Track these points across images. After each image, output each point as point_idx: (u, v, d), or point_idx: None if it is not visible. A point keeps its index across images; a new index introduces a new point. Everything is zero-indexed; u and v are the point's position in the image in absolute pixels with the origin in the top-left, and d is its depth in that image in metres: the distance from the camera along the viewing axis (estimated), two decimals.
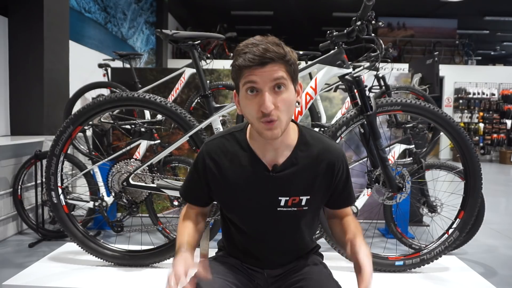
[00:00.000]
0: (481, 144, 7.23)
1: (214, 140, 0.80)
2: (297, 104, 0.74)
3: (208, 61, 1.83)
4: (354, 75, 1.32)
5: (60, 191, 1.43)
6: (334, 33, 1.33)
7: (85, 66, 3.54)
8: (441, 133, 1.49)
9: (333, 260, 1.40)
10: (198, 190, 0.82)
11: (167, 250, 1.43)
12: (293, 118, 0.77)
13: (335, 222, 0.86)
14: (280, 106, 0.68)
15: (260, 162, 0.76)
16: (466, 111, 7.30)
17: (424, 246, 1.46)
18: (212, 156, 0.78)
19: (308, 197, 0.77)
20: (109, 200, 1.75)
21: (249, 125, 0.78)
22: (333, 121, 1.43)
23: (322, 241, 1.28)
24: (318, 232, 1.50)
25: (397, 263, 1.41)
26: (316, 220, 0.85)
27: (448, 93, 7.39)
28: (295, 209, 0.77)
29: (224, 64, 2.91)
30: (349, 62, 1.37)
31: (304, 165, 0.76)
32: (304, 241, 0.83)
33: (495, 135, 7.22)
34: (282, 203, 0.76)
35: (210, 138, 0.82)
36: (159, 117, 1.85)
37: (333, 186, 0.79)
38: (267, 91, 0.67)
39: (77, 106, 2.27)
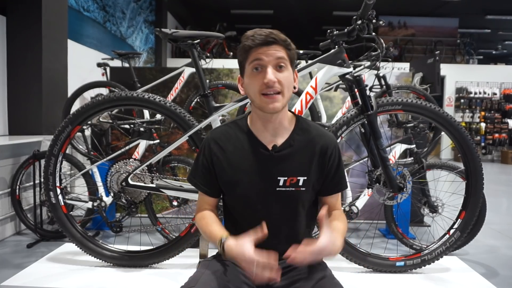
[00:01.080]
0: (482, 144, 7.20)
1: (218, 128, 0.89)
2: (293, 88, 0.83)
3: (207, 60, 1.82)
4: (355, 75, 1.32)
5: (58, 191, 1.42)
6: (335, 32, 1.33)
7: (83, 65, 3.52)
8: (442, 133, 1.49)
9: (333, 261, 1.39)
10: (208, 176, 0.86)
11: (166, 250, 1.42)
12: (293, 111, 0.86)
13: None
14: (282, 81, 0.78)
15: (260, 143, 0.83)
16: (467, 110, 7.27)
17: (425, 246, 1.46)
18: (216, 141, 0.85)
19: (305, 178, 0.83)
20: (108, 200, 1.74)
21: (250, 114, 0.86)
22: (334, 121, 1.43)
23: None
24: (317, 231, 1.49)
25: (398, 263, 1.41)
26: (314, 211, 0.88)
27: (449, 93, 7.36)
28: (293, 189, 0.82)
29: (224, 63, 2.90)
30: (350, 61, 1.37)
31: (301, 147, 0.84)
32: (302, 228, 0.86)
33: (496, 135, 7.19)
34: (281, 183, 0.82)
35: (214, 128, 0.91)
36: (158, 116, 1.85)
37: (326, 170, 0.86)
38: (270, 67, 0.77)
39: (76, 106, 2.26)
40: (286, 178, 0.81)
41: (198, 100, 2.19)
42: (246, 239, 0.72)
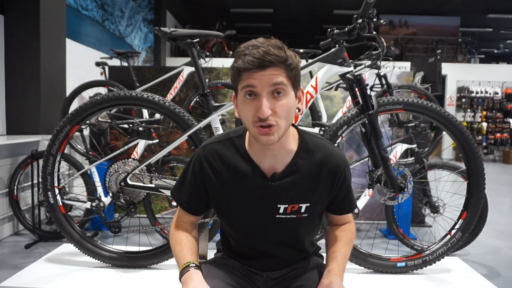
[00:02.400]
0: (484, 144, 7.17)
1: (212, 144, 0.78)
2: (297, 110, 0.71)
3: (207, 59, 1.81)
4: (355, 74, 1.32)
5: (57, 191, 1.43)
6: (335, 31, 1.32)
7: (82, 64, 3.50)
8: (444, 132, 1.48)
9: None
10: (193, 194, 0.79)
11: (166, 251, 1.42)
12: (293, 122, 0.76)
13: (331, 229, 0.85)
14: (279, 112, 0.66)
15: (259, 171, 0.74)
16: (469, 110, 7.23)
17: (426, 247, 1.46)
18: (210, 160, 0.76)
19: (308, 204, 0.76)
20: (106, 200, 1.73)
21: (248, 132, 0.76)
22: (334, 120, 1.42)
23: (322, 242, 1.26)
24: (319, 233, 1.48)
25: (399, 264, 1.41)
26: (317, 225, 0.84)
27: (450, 92, 7.33)
28: (294, 216, 0.75)
29: (223, 63, 2.88)
30: (350, 61, 1.36)
31: (305, 172, 0.74)
32: (303, 246, 0.82)
33: (498, 135, 7.16)
34: (281, 210, 0.75)
35: (207, 142, 0.79)
36: (157, 116, 1.83)
37: (335, 193, 0.78)
38: (265, 96, 0.65)
39: (74, 105, 2.24)
40: (286, 205, 0.74)
41: (198, 99, 2.17)
42: None
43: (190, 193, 0.79)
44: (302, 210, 0.75)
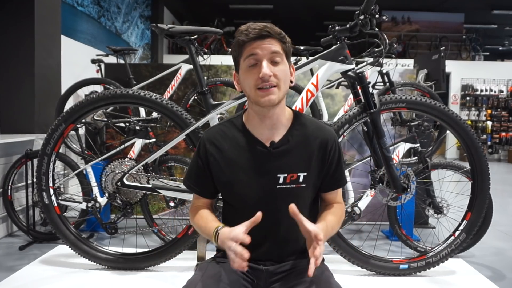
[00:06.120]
0: (489, 143, 7.11)
1: (213, 127, 0.88)
2: (290, 83, 0.82)
3: (205, 56, 1.78)
4: (357, 71, 1.32)
5: (51, 191, 1.42)
6: (336, 28, 1.32)
7: (77, 61, 3.49)
8: (448, 132, 1.46)
9: (335, 263, 1.39)
10: (202, 177, 0.86)
11: (163, 253, 1.42)
12: (292, 108, 0.87)
13: (323, 207, 0.90)
14: (278, 75, 0.77)
15: (257, 141, 0.82)
16: (473, 108, 7.18)
17: (429, 248, 1.46)
18: (212, 141, 0.84)
19: (305, 173, 0.82)
20: (102, 201, 1.71)
21: (246, 112, 0.86)
22: (335, 119, 1.40)
23: None
24: None
25: (401, 266, 1.40)
26: (315, 208, 0.88)
27: (454, 90, 7.28)
28: (294, 186, 0.81)
29: (222, 60, 2.85)
30: (352, 58, 1.34)
31: (300, 142, 0.83)
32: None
33: (503, 134, 7.10)
34: (281, 180, 0.81)
35: (209, 128, 0.90)
36: (154, 114, 1.82)
37: (327, 165, 0.85)
38: (265, 60, 0.77)
39: (70, 104, 2.21)
40: (286, 175, 0.81)
41: (196, 97, 2.16)
42: (240, 225, 0.73)
43: (197, 176, 0.87)
44: (301, 180, 0.82)
